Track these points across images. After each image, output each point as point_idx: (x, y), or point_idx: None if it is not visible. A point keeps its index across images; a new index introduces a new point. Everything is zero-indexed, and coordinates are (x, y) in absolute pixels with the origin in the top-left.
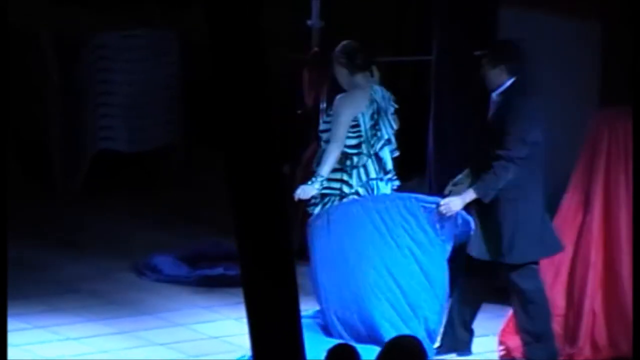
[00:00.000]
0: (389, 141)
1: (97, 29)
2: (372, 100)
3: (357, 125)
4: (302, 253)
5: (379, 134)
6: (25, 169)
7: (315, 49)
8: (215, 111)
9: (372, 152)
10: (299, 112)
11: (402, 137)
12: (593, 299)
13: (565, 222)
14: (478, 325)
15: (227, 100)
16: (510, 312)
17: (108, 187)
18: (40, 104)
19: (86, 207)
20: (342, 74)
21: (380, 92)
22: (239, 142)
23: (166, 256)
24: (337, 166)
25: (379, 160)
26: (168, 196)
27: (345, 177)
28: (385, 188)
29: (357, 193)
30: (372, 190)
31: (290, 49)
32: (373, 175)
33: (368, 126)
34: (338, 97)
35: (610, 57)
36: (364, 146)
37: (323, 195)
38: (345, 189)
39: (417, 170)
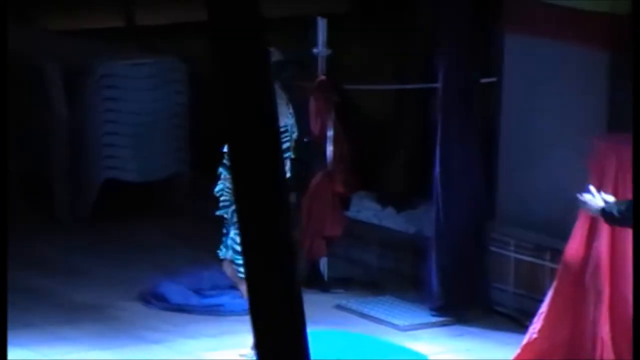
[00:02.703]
0: (288, 149)
1: (104, 58)
2: None
3: (286, 131)
4: (310, 280)
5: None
6: (30, 198)
7: (322, 77)
8: (221, 141)
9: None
10: (305, 140)
11: (408, 164)
12: (602, 328)
13: (579, 248)
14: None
15: (234, 130)
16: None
17: (115, 216)
18: (46, 134)
19: (93, 236)
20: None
21: None
22: (244, 170)
23: (173, 284)
24: None
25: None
26: (175, 225)
27: None
28: None
29: None
30: None
31: (296, 77)
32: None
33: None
34: None
35: (617, 84)
36: (289, 152)
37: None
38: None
39: (423, 197)
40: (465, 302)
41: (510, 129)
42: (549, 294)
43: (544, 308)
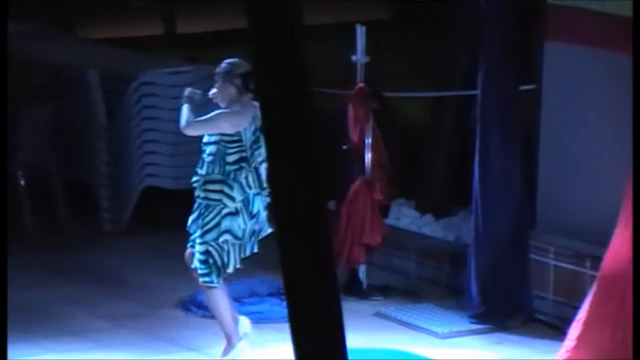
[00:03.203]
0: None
1: (144, 66)
2: (255, 118)
3: (240, 141)
4: (349, 288)
5: (260, 150)
6: (73, 206)
7: (360, 84)
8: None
9: (252, 166)
10: (344, 147)
11: (447, 172)
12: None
13: (617, 258)
14: None
15: (272, 136)
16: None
17: (154, 223)
18: (87, 142)
19: (132, 244)
20: (230, 93)
21: None
22: (284, 178)
23: None
24: (218, 177)
25: (258, 175)
26: None
27: (226, 190)
28: (261, 203)
29: (236, 209)
30: (249, 203)
31: (335, 85)
32: (253, 189)
33: (250, 142)
34: (218, 112)
35: None
36: (245, 162)
37: (204, 205)
38: (227, 201)
39: (462, 204)
40: (505, 310)
41: (550, 136)
42: (587, 300)
43: (582, 314)
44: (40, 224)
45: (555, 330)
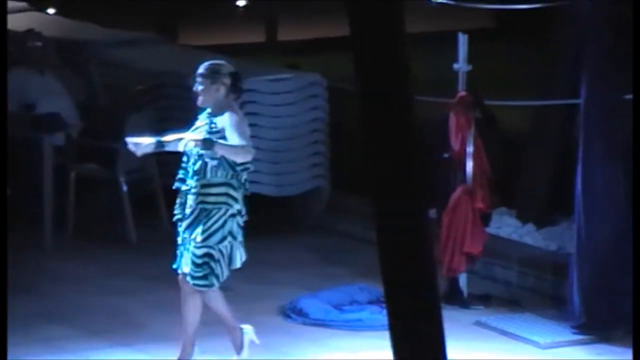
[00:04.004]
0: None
1: (245, 73)
2: None
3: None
4: (450, 297)
5: None
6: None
7: (462, 92)
8: (360, 157)
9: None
10: (446, 156)
11: (549, 181)
12: None
13: None
14: None
15: (374, 145)
16: None
17: (254, 230)
18: None
19: None
20: (219, 93)
21: None
22: (385, 186)
23: (313, 299)
24: (222, 180)
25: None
26: (313, 241)
27: (231, 192)
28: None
29: (238, 211)
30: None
31: (437, 93)
32: (245, 191)
33: None
34: (228, 114)
35: None
36: (249, 163)
37: (202, 209)
38: (232, 203)
39: (565, 214)
40: (608, 321)
41: None
42: None
43: None
44: (141, 229)
45: None
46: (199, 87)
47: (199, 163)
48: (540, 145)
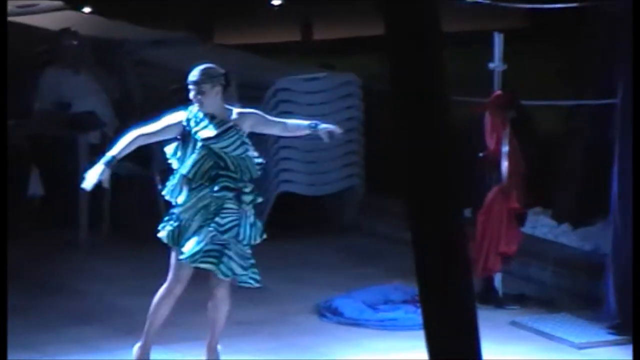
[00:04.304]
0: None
1: (280, 72)
2: None
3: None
4: (485, 297)
5: None
6: None
7: (497, 92)
8: (394, 156)
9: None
10: (481, 155)
11: (585, 180)
12: None
13: None
14: None
15: (409, 144)
16: None
17: (287, 231)
18: None
19: (267, 250)
20: (219, 96)
21: None
22: (420, 186)
23: (347, 299)
24: (253, 178)
25: None
26: (346, 240)
27: (255, 190)
28: None
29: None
30: None
31: (472, 93)
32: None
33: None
34: (244, 112)
35: None
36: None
37: (248, 209)
38: (257, 199)
39: (601, 214)
40: None
41: None
42: None
43: None
44: None
45: None
46: (197, 95)
47: (240, 165)
48: (576, 145)
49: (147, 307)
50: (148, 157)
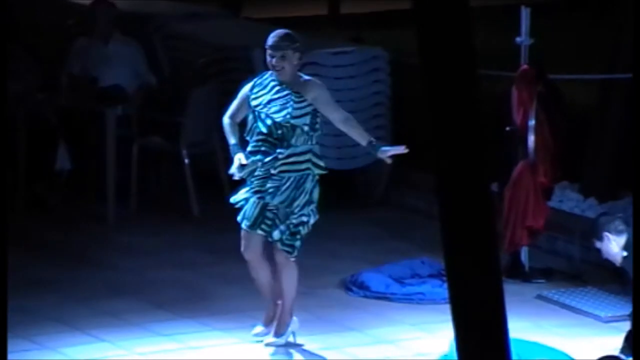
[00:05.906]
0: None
1: (307, 46)
2: None
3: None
4: (511, 271)
5: None
6: (235, 187)
7: (525, 66)
8: (423, 131)
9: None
10: (508, 129)
11: (613, 155)
12: None
13: None
14: None
15: (437, 118)
16: None
17: (318, 205)
18: None
19: None
20: (295, 61)
21: None
22: (448, 160)
23: (374, 273)
24: (307, 148)
25: None
26: (375, 215)
27: (314, 159)
28: None
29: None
30: None
31: (499, 67)
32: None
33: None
34: (314, 83)
35: None
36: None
37: (290, 178)
38: (316, 170)
39: (627, 189)
40: None
41: None
42: None
43: None
44: (204, 203)
45: None
46: (277, 60)
47: (281, 131)
48: (605, 120)
49: (176, 280)
50: (177, 132)
